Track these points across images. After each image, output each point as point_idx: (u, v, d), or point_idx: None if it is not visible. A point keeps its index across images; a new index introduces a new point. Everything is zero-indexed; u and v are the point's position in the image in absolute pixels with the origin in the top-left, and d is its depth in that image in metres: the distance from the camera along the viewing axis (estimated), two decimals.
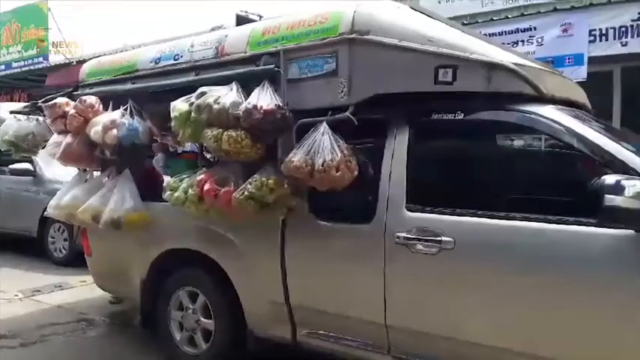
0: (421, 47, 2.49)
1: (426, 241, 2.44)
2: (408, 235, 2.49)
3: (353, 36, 2.62)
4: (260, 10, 3.83)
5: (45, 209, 4.09)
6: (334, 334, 2.81)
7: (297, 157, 2.56)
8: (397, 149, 2.63)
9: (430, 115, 2.60)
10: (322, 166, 2.48)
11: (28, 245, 7.19)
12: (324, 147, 2.51)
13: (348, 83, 2.63)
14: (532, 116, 2.39)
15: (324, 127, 2.57)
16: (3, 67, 15.93)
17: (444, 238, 2.40)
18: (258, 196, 2.70)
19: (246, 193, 2.72)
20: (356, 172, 2.56)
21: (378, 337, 2.65)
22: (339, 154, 2.50)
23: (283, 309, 2.96)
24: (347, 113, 2.57)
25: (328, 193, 2.61)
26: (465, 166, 2.63)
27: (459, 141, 2.71)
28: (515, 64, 2.43)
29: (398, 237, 2.51)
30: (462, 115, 2.51)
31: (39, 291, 5.42)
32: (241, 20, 3.55)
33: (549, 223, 2.23)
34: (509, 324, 2.30)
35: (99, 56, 4.30)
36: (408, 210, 2.53)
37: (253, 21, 3.47)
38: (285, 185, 2.71)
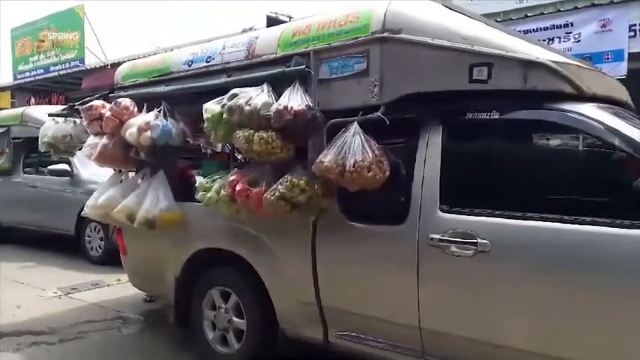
0: (455, 45, 2.44)
1: (461, 243, 2.39)
2: (442, 237, 2.44)
3: (384, 35, 2.59)
4: (290, 11, 3.85)
5: (82, 209, 4.18)
6: (366, 336, 2.79)
7: (328, 157, 2.55)
8: (430, 149, 2.58)
9: (464, 115, 2.55)
10: (353, 166, 2.46)
11: (65, 244, 7.40)
12: (355, 147, 2.49)
13: (379, 83, 2.60)
14: (573, 115, 2.31)
15: (355, 127, 2.55)
16: (41, 70, 16.44)
17: (479, 240, 2.34)
18: (289, 197, 2.70)
19: (277, 193, 2.73)
20: (388, 173, 2.53)
21: (411, 339, 2.61)
22: (371, 155, 2.48)
23: (314, 310, 2.95)
24: (378, 113, 2.55)
25: (359, 193, 2.59)
26: (501, 166, 2.56)
27: (494, 141, 2.64)
28: (554, 61, 2.36)
29: (432, 239, 2.47)
30: (498, 114, 2.45)
31: (76, 289, 5.58)
32: (272, 21, 3.57)
33: (590, 225, 2.15)
34: (547, 329, 2.24)
35: (133, 59, 4.37)
36: (442, 211, 2.49)
37: (283, 22, 3.48)
38: (316, 186, 2.71)
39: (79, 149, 4.25)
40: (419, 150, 2.62)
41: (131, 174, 4.07)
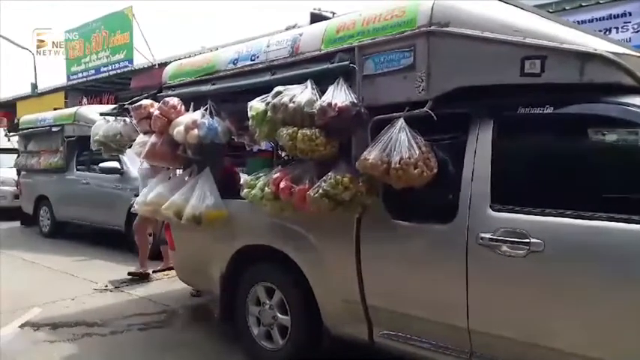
0: (506, 38, 2.35)
1: (513, 242, 2.31)
2: (493, 236, 2.36)
3: (432, 28, 2.52)
4: (334, 7, 3.82)
5: (131, 205, 4.30)
6: (413, 336, 2.74)
7: (372, 154, 2.51)
8: (480, 145, 2.50)
9: (516, 109, 2.44)
10: (399, 163, 2.42)
11: (116, 239, 7.65)
12: (401, 144, 2.45)
13: (426, 77, 2.54)
14: (634, 109, 2.18)
15: (401, 123, 2.50)
16: (93, 71, 17.06)
17: (532, 240, 2.26)
18: (333, 194, 2.68)
19: (320, 191, 2.71)
20: (435, 170, 2.48)
21: (460, 341, 2.55)
22: (417, 151, 2.43)
23: (359, 308, 2.92)
24: (425, 108, 2.49)
25: (405, 191, 2.55)
26: (555, 163, 2.45)
27: (547, 136, 2.53)
28: (612, 52, 2.24)
29: (482, 238, 2.39)
30: (552, 108, 2.35)
31: (126, 282, 5.77)
32: (315, 18, 3.54)
33: None
34: (602, 333, 2.14)
35: (180, 59, 4.45)
36: (492, 210, 2.41)
37: (327, 18, 3.45)
38: (360, 183, 2.68)
39: (129, 147, 4.37)
40: (468, 146, 2.54)
41: (178, 171, 4.16)
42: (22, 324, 4.37)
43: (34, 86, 20.25)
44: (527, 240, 2.27)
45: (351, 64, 2.78)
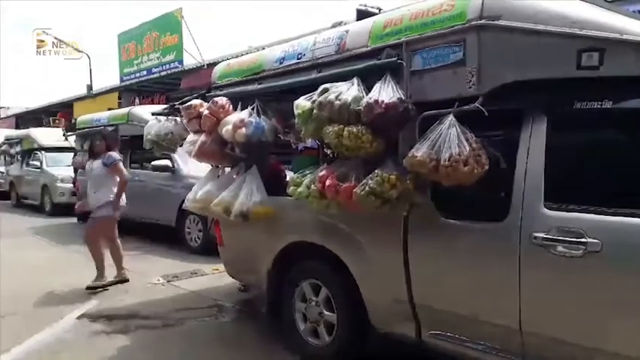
0: (561, 30, 2.26)
1: (568, 242, 2.23)
2: (547, 236, 2.29)
3: (482, 22, 2.46)
4: (380, 2, 3.78)
5: (182, 202, 4.41)
6: (463, 336, 2.69)
7: (420, 151, 2.47)
8: (534, 142, 2.42)
9: (572, 104, 2.35)
10: (449, 160, 2.37)
11: (167, 234, 7.88)
12: (450, 140, 2.40)
13: (477, 72, 2.48)
14: None
15: (450, 119, 2.45)
16: (145, 72, 17.62)
17: (589, 240, 2.17)
18: (379, 192, 2.66)
19: (367, 188, 2.70)
20: (486, 167, 2.41)
21: (511, 343, 2.48)
22: (468, 148, 2.38)
23: (406, 307, 2.89)
24: (476, 104, 2.43)
25: (455, 188, 2.49)
26: (613, 160, 2.34)
27: (605, 132, 2.42)
28: None
29: (535, 237, 2.32)
30: (610, 103, 2.24)
31: (177, 277, 5.94)
32: (361, 14, 3.52)
33: None
34: None
35: (228, 59, 4.53)
36: (546, 208, 2.33)
37: (374, 14, 3.42)
38: (408, 181, 2.64)
39: (180, 146, 4.48)
40: (521, 142, 2.46)
41: (227, 169, 4.23)
42: (79, 315, 4.58)
43: (90, 87, 21.15)
44: (584, 240, 2.19)
45: (399, 60, 2.75)
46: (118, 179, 5.54)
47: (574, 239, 2.21)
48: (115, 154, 5.66)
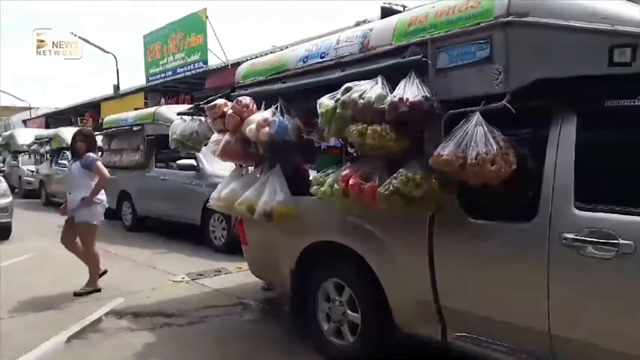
0: (592, 26, 2.20)
1: (600, 243, 2.17)
2: (578, 237, 2.23)
3: (509, 19, 2.41)
4: (404, 0, 3.75)
5: (207, 201, 4.45)
6: (489, 339, 2.64)
7: (446, 150, 2.44)
8: (563, 140, 2.36)
9: (603, 102, 2.29)
10: (475, 159, 2.33)
11: (191, 233, 7.97)
12: (477, 139, 2.36)
13: (504, 70, 2.43)
14: None
15: (477, 117, 2.41)
16: (170, 72, 17.86)
17: (621, 241, 2.11)
18: (404, 192, 2.64)
19: (391, 188, 2.67)
20: (514, 166, 2.36)
21: (540, 346, 2.43)
22: (495, 147, 2.33)
23: (432, 308, 2.86)
24: (504, 102, 2.38)
25: (481, 188, 2.45)
26: None
27: (638, 130, 2.34)
28: None
29: (565, 238, 2.26)
30: None
31: (201, 275, 5.99)
32: (386, 12, 3.50)
33: None
34: None
35: (252, 59, 4.55)
36: (576, 208, 2.27)
37: (398, 12, 3.39)
38: (433, 180, 2.61)
39: (205, 145, 4.52)
40: (549, 141, 2.41)
41: (251, 168, 4.25)
42: (106, 312, 4.66)
43: (116, 88, 21.54)
44: (616, 241, 2.13)
45: (424, 58, 2.72)
46: (98, 179, 5.35)
47: (605, 240, 2.16)
48: (93, 155, 5.50)
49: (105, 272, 5.61)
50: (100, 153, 14.50)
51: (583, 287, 2.27)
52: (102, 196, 5.47)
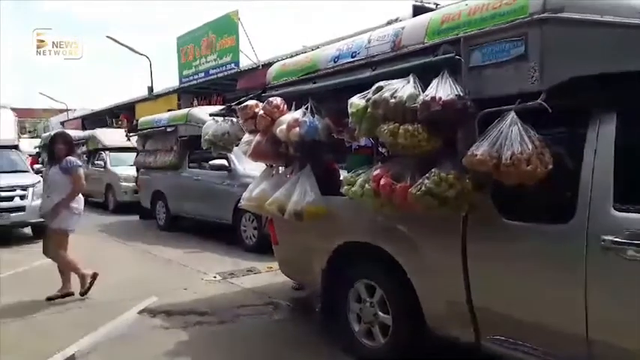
0: (629, 21, 2.12)
1: None
2: (618, 239, 2.15)
3: (545, 15, 2.35)
4: None
5: (238, 201, 4.49)
6: (525, 342, 2.58)
7: (480, 149, 2.39)
8: (602, 140, 2.29)
9: None
10: (510, 159, 2.28)
11: (223, 232, 8.07)
12: (512, 138, 2.31)
13: (539, 67, 2.37)
14: None
15: (512, 116, 2.36)
16: (202, 74, 18.09)
17: None
18: (437, 192, 2.60)
19: (423, 188, 2.65)
20: (550, 166, 2.30)
21: (577, 351, 2.36)
22: (530, 146, 2.28)
23: (465, 310, 2.81)
24: (539, 100, 2.32)
25: (516, 188, 2.40)
26: None
27: None
28: None
29: (604, 240, 2.19)
30: None
31: (233, 274, 6.06)
32: (418, 10, 3.47)
33: None
34: None
35: (282, 59, 4.57)
36: (616, 210, 2.20)
37: (430, 10, 3.35)
38: (467, 180, 2.56)
39: (236, 146, 4.57)
40: (587, 140, 2.34)
41: (281, 169, 4.27)
42: (140, 310, 4.75)
43: (150, 89, 21.97)
44: None
45: (457, 56, 2.68)
46: (72, 187, 5.07)
47: None
48: (76, 160, 5.23)
49: (72, 293, 5.17)
50: (83, 158, 14.64)
51: (623, 291, 2.19)
52: (79, 204, 5.20)
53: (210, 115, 5.19)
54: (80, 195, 5.24)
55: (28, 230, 8.72)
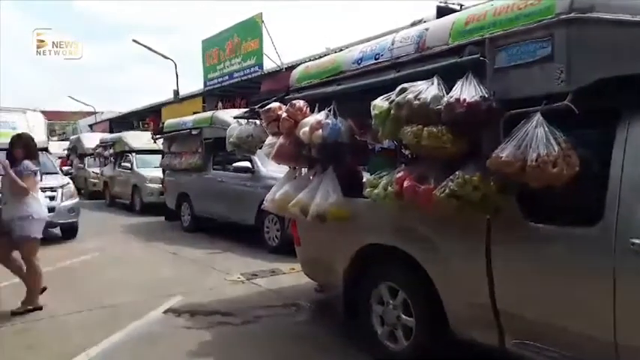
0: None
1: None
2: None
3: (572, 15, 2.31)
4: None
5: (262, 202, 4.53)
6: (550, 347, 2.54)
7: (506, 151, 2.37)
8: (631, 142, 2.24)
9: None
10: (536, 161, 2.25)
11: (246, 233, 8.13)
12: (538, 140, 2.28)
13: (566, 68, 2.33)
14: None
15: (537, 117, 2.33)
16: (227, 77, 18.27)
17: None
18: (461, 194, 2.58)
19: (447, 190, 2.63)
20: (577, 168, 2.26)
21: (605, 356, 2.32)
22: (557, 148, 2.25)
23: (489, 313, 2.78)
24: (566, 101, 2.28)
25: (542, 191, 2.36)
26: None
27: None
28: None
29: (633, 243, 2.14)
30: None
31: (256, 275, 6.10)
32: (442, 11, 3.44)
33: None
34: None
35: (306, 62, 4.60)
36: None
37: (455, 11, 3.33)
38: (492, 182, 2.54)
39: (260, 148, 4.60)
40: (616, 142, 2.29)
41: (304, 171, 4.29)
42: (165, 310, 4.82)
43: (176, 92, 22.29)
44: None
45: (482, 57, 2.65)
46: (24, 187, 4.67)
47: None
48: (30, 164, 4.80)
49: (45, 289, 4.95)
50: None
51: None
52: (31, 209, 4.75)
53: (235, 117, 5.25)
54: (36, 200, 4.85)
55: (57, 231, 8.92)
